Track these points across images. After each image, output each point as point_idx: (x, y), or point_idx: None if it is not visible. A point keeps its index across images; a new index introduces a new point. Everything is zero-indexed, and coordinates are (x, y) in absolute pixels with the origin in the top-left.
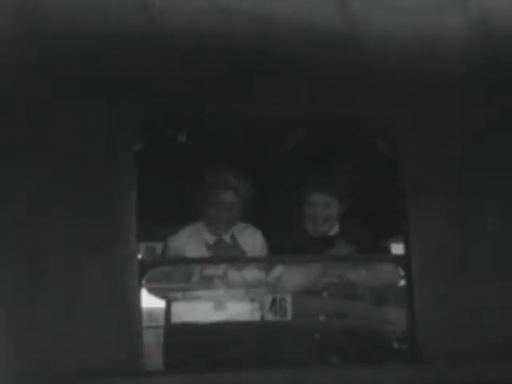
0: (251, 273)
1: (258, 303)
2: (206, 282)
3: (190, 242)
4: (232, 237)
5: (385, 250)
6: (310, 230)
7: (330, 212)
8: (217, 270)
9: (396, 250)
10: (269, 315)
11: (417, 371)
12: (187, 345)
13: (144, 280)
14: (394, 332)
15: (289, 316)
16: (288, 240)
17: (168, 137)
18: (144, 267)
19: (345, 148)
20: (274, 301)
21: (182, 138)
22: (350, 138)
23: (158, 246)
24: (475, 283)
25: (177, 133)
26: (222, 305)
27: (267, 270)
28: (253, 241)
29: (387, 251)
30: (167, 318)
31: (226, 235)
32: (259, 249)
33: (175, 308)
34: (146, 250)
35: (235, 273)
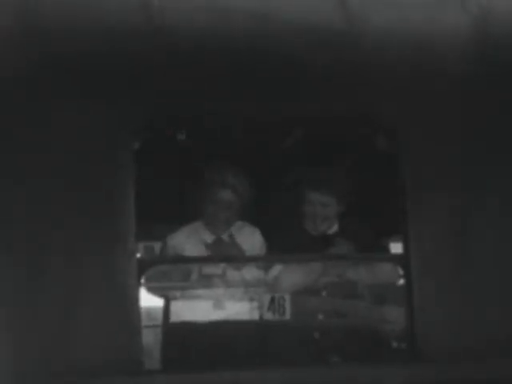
0: (250, 272)
1: (256, 302)
2: (204, 281)
3: (189, 241)
4: (230, 236)
5: (384, 248)
6: (309, 229)
7: (329, 211)
8: (215, 269)
9: (395, 249)
10: (268, 314)
11: (417, 370)
12: (186, 344)
13: (143, 279)
14: (394, 331)
15: (288, 315)
16: (287, 239)
17: (167, 136)
18: (143, 266)
19: (344, 145)
20: (272, 300)
21: (181, 137)
22: (350, 135)
23: (157, 246)
24: (476, 281)
25: (176, 131)
26: (221, 304)
27: (266, 269)
28: (252, 240)
29: (387, 250)
30: (166, 317)
31: (225, 234)
32: (258, 248)
33: (174, 307)
34: (144, 249)
35: (234, 272)
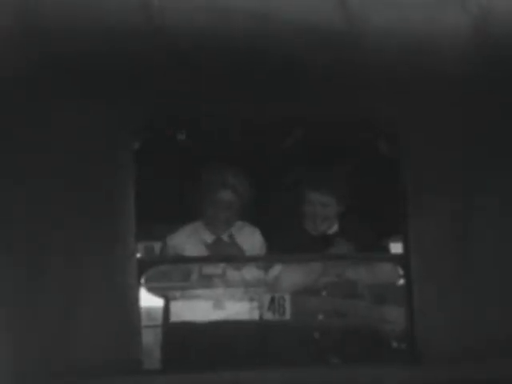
0: (250, 272)
1: (256, 302)
2: (204, 281)
3: (189, 242)
4: (230, 236)
5: (384, 248)
6: (309, 229)
7: (328, 211)
8: (215, 269)
9: (395, 249)
10: (268, 314)
11: (417, 371)
12: (186, 344)
13: (143, 279)
14: (394, 331)
15: (288, 315)
16: (287, 239)
17: (167, 136)
18: (143, 266)
19: (345, 148)
20: (272, 300)
21: (181, 137)
22: (351, 138)
23: (157, 246)
24: (476, 282)
25: (176, 132)
26: (221, 304)
27: (266, 269)
28: (252, 240)
29: (387, 250)
30: (166, 317)
31: (225, 234)
32: (258, 248)
33: (174, 307)
34: (144, 249)
35: (234, 272)
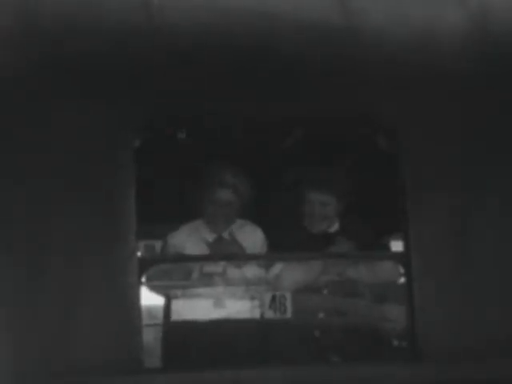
0: (251, 270)
1: (257, 301)
2: (205, 280)
3: (190, 240)
4: (231, 234)
5: (385, 247)
6: (309, 228)
7: (328, 210)
8: (216, 267)
9: (396, 248)
10: (268, 313)
11: (417, 369)
12: (187, 342)
13: (143, 278)
14: (394, 329)
15: (288, 313)
16: (288, 237)
17: (167, 135)
18: (143, 265)
19: (345, 145)
20: (273, 298)
21: (181, 136)
22: (351, 134)
23: (158, 244)
24: (476, 280)
25: (176, 131)
26: (222, 302)
27: (267, 268)
28: (253, 238)
29: (387, 248)
30: (167, 316)
31: (225, 233)
32: (259, 246)
33: (175, 306)
34: (145, 248)
35: (235, 270)
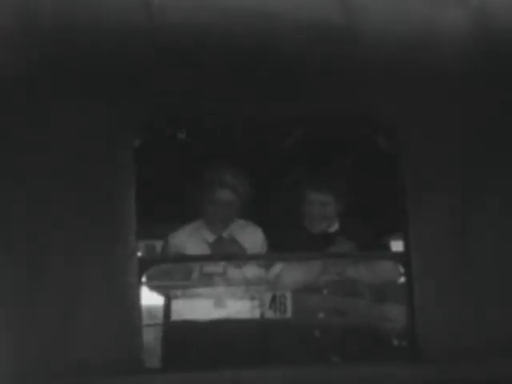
0: (251, 270)
1: (257, 300)
2: (205, 280)
3: (190, 240)
4: (231, 234)
5: (385, 247)
6: (309, 228)
7: (327, 210)
8: (216, 267)
9: (396, 247)
10: (269, 313)
11: (417, 369)
12: (187, 342)
13: (144, 278)
14: (394, 329)
15: (289, 313)
16: (288, 237)
17: (167, 135)
18: (144, 265)
19: (345, 145)
20: (273, 298)
21: (181, 136)
22: (351, 134)
23: (158, 244)
24: (476, 280)
25: (176, 131)
26: (222, 302)
27: (267, 268)
28: (253, 238)
29: (387, 248)
30: (167, 316)
31: (226, 233)
32: (259, 246)
33: (175, 306)
34: (145, 247)
35: (235, 270)
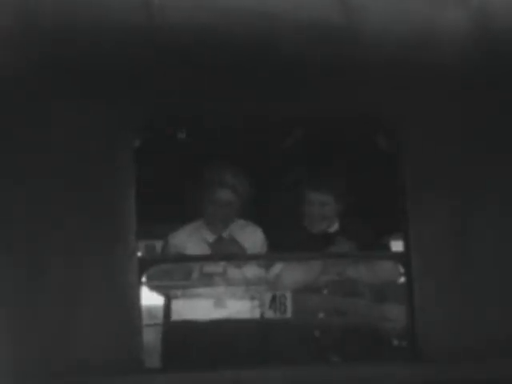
0: (251, 270)
1: (257, 301)
2: (205, 280)
3: (190, 240)
4: (230, 234)
5: (385, 247)
6: (309, 228)
7: (327, 210)
8: (217, 267)
9: (396, 247)
10: (269, 313)
11: (417, 369)
12: (187, 342)
13: (144, 278)
14: (394, 329)
15: (289, 313)
16: (288, 237)
17: (167, 135)
18: (144, 265)
19: (345, 145)
20: (273, 298)
21: (181, 136)
22: (351, 134)
23: (158, 244)
24: (476, 280)
25: (176, 131)
26: (222, 302)
27: (267, 268)
28: (253, 238)
29: (387, 248)
30: (167, 316)
31: (226, 233)
32: (259, 246)
33: (175, 306)
34: (146, 247)
35: (235, 270)
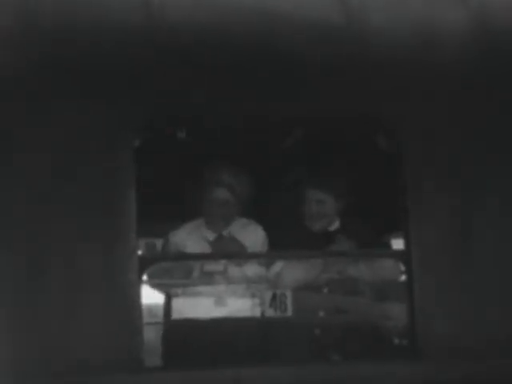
0: (251, 268)
1: (258, 299)
2: (206, 278)
3: (191, 239)
4: (231, 233)
5: (385, 245)
6: (309, 226)
7: (326, 208)
8: (217, 265)
9: (397, 246)
10: (269, 311)
11: (417, 367)
12: (187, 341)
13: (144, 276)
14: (395, 328)
15: (289, 312)
16: (288, 236)
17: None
18: (144, 263)
19: (345, 145)
20: (274, 296)
21: (181, 136)
22: (351, 134)
23: (159, 243)
24: (476, 279)
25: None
26: (223, 301)
27: (267, 266)
28: (253, 236)
29: (388, 247)
30: (167, 314)
31: (226, 231)
32: (260, 244)
33: (175, 304)
34: (146, 246)
35: (235, 269)
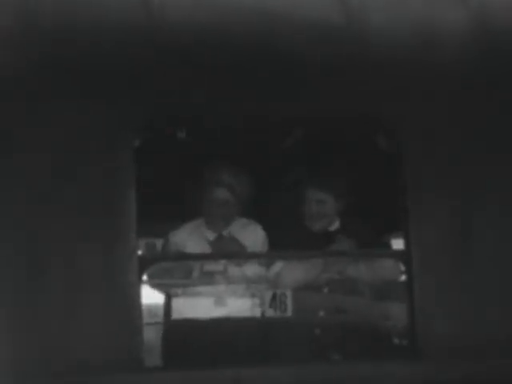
0: (251, 268)
1: (258, 299)
2: (206, 278)
3: (191, 239)
4: (231, 233)
5: (385, 245)
6: (309, 226)
7: (326, 208)
8: (217, 265)
9: (397, 246)
10: (269, 311)
11: (417, 367)
12: (187, 341)
13: (144, 276)
14: (395, 328)
15: (289, 312)
16: (288, 236)
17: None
18: (144, 263)
19: (345, 145)
20: (274, 296)
21: (181, 136)
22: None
23: (159, 243)
24: (476, 279)
25: (176, 131)
26: (223, 301)
27: (267, 266)
28: (254, 236)
29: (387, 247)
30: (167, 314)
31: (226, 231)
32: (260, 244)
33: (175, 304)
34: (146, 246)
35: (235, 269)
